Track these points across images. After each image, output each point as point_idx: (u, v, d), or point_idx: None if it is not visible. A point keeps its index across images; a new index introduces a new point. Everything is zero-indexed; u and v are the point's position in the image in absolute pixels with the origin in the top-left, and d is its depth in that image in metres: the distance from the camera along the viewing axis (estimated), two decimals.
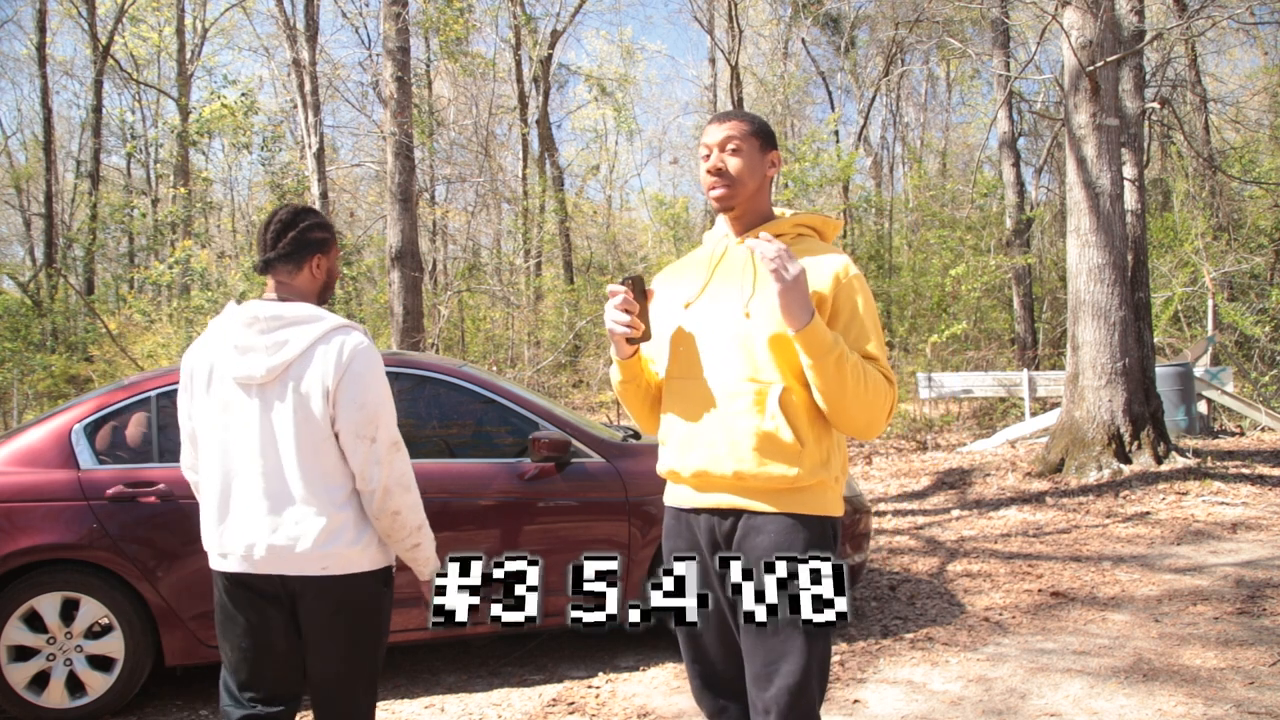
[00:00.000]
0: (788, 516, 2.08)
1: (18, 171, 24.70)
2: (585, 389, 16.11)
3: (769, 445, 2.06)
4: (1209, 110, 17.90)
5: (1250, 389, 13.53)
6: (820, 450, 2.10)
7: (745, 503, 2.10)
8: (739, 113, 2.25)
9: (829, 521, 2.14)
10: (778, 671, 2.02)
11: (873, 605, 5.37)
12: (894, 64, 22.58)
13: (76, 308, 18.32)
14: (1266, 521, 7.04)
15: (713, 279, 2.20)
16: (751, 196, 2.20)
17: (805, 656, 2.02)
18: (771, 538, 2.07)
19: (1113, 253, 8.87)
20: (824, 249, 2.19)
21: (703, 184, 2.23)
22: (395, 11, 10.71)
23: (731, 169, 2.16)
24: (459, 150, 21.44)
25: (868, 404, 2.05)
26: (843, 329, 2.09)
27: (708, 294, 2.19)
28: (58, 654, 3.91)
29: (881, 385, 2.07)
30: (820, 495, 2.12)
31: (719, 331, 2.13)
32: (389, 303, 11.33)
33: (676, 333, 2.20)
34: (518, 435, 4.53)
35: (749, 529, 2.10)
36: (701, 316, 2.17)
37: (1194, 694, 3.83)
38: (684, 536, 2.21)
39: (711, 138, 2.19)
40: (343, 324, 2.35)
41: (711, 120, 2.25)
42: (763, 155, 2.20)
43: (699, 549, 2.17)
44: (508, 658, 4.66)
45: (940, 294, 15.99)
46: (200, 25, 22.07)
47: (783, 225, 2.21)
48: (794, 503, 2.09)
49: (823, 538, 2.11)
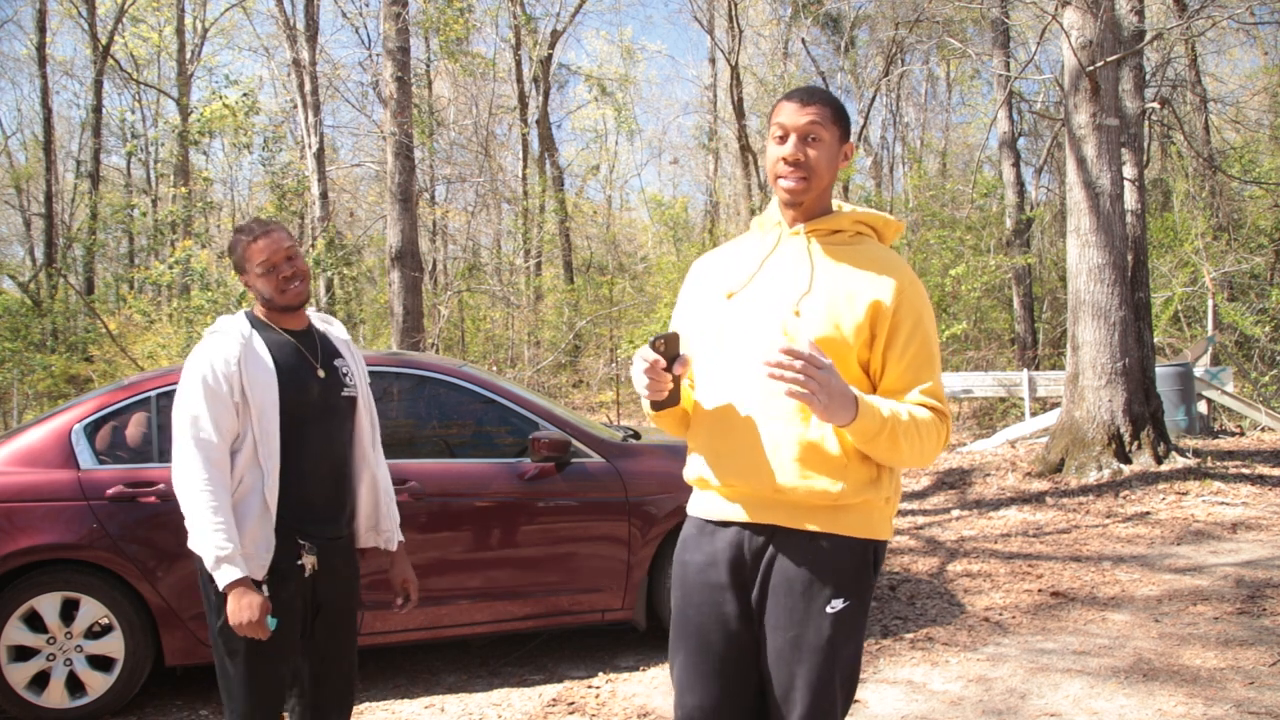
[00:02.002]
0: (827, 537, 1.92)
1: (18, 171, 24.72)
2: (585, 389, 16.11)
3: (812, 456, 1.90)
4: (1209, 110, 17.90)
5: (1250, 389, 13.52)
6: (869, 467, 1.93)
7: (782, 518, 1.94)
8: (823, 94, 2.02)
9: (871, 546, 1.97)
10: (798, 697, 1.91)
11: (873, 605, 5.37)
12: (894, 64, 22.56)
13: (76, 308, 18.32)
14: (1266, 521, 7.04)
15: (761, 270, 2.02)
16: (823, 191, 2.02)
17: (827, 684, 1.91)
18: (806, 561, 1.92)
19: (1113, 253, 8.87)
20: (883, 253, 2.03)
21: (769, 166, 2.02)
22: (395, 11, 10.70)
23: (811, 161, 1.97)
24: (459, 150, 21.44)
25: (921, 454, 1.92)
26: (901, 346, 1.93)
27: (754, 286, 2.00)
28: (58, 654, 3.91)
29: (933, 432, 1.92)
30: (865, 516, 1.95)
31: (764, 329, 1.95)
32: (389, 303, 11.32)
33: (716, 327, 2.02)
34: (518, 435, 4.53)
35: (782, 548, 1.94)
36: (745, 311, 1.99)
37: (1194, 694, 3.83)
38: (703, 550, 2.02)
39: (792, 119, 1.97)
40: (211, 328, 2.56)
41: (793, 96, 2.01)
42: (840, 146, 2.01)
43: (716, 565, 1.99)
44: (508, 658, 4.66)
45: (940, 294, 15.98)
46: (200, 25, 22.07)
47: (842, 221, 2.03)
48: (835, 522, 1.92)
49: (861, 564, 1.95)
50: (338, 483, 2.58)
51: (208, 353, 2.43)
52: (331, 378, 2.58)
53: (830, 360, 1.82)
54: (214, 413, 2.37)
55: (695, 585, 2.02)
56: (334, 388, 2.57)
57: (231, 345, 2.44)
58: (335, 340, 2.68)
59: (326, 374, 2.57)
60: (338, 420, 2.58)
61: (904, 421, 1.88)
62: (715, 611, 1.99)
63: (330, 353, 2.63)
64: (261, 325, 2.56)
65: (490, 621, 4.34)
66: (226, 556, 2.31)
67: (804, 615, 1.92)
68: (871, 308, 1.93)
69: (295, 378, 2.50)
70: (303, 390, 2.50)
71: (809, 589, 1.92)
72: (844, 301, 1.94)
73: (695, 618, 2.01)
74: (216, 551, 2.31)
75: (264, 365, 2.45)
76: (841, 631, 1.92)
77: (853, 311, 1.93)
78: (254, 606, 2.31)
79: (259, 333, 2.52)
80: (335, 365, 2.61)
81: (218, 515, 2.32)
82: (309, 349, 2.58)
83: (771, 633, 1.94)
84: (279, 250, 2.50)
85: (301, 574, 2.45)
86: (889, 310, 1.92)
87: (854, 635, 1.96)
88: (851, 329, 1.92)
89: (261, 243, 2.50)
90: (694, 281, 2.18)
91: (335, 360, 2.62)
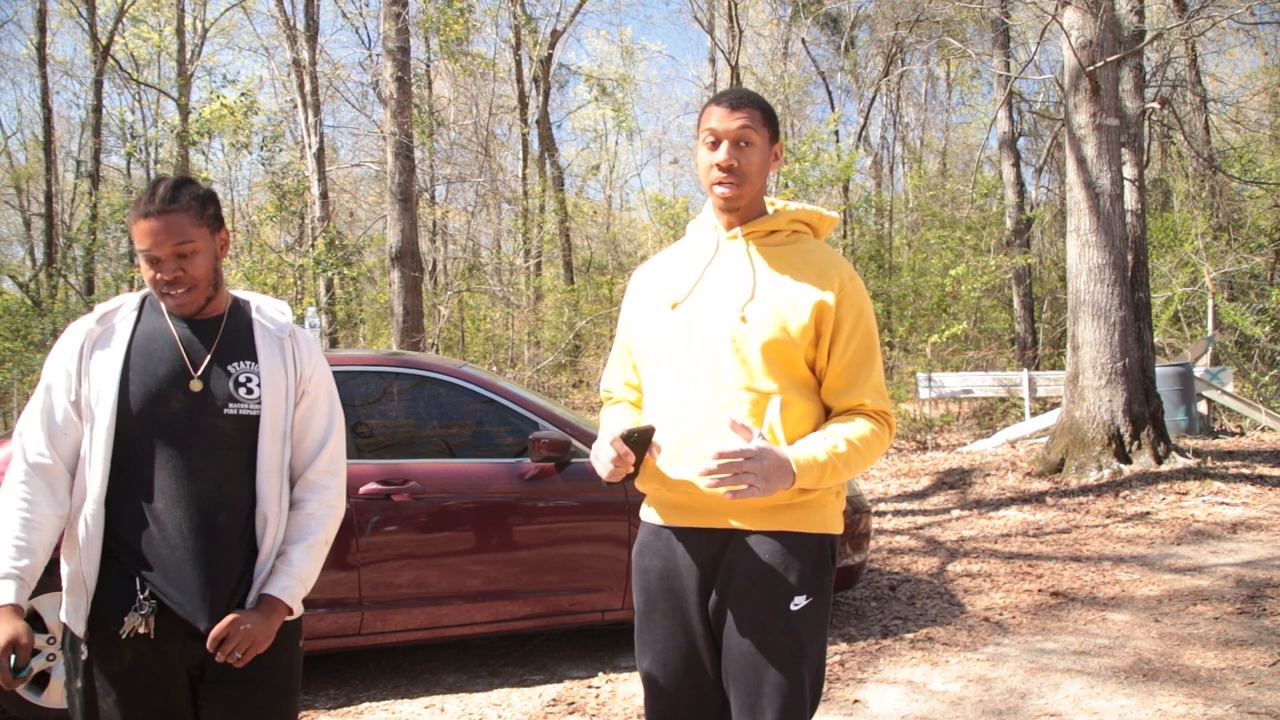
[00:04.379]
0: (783, 536, 1.94)
1: (18, 171, 24.72)
2: (585, 389, 16.11)
3: None
4: (1209, 110, 17.90)
5: (1250, 389, 13.52)
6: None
7: (738, 521, 1.95)
8: (752, 96, 2.03)
9: (828, 540, 2.00)
10: (767, 703, 1.90)
11: (873, 605, 5.37)
12: (894, 64, 22.58)
13: (76, 308, 18.31)
14: (1266, 521, 7.04)
15: (703, 278, 2.03)
16: (756, 194, 2.04)
17: (797, 684, 1.91)
18: (765, 561, 1.93)
19: (1113, 253, 8.87)
20: (821, 250, 2.06)
21: (702, 172, 2.03)
22: (395, 11, 10.71)
23: (744, 166, 1.98)
24: (459, 150, 21.43)
25: (864, 466, 1.97)
26: (844, 342, 1.97)
27: (697, 295, 2.02)
28: (58, 654, 3.91)
29: (874, 441, 1.97)
30: (819, 511, 1.98)
31: (711, 336, 1.97)
32: (389, 303, 11.32)
33: (663, 337, 2.03)
34: (518, 435, 4.53)
35: (740, 550, 1.95)
36: (691, 319, 2.00)
37: (1194, 694, 3.83)
38: (662, 556, 2.03)
39: (723, 124, 1.98)
40: None
41: (720, 100, 2.01)
42: (770, 148, 2.03)
43: (677, 572, 2.01)
44: (508, 658, 4.66)
45: (940, 294, 15.98)
46: (200, 25, 22.05)
47: (778, 221, 2.05)
48: (791, 520, 1.95)
49: (820, 560, 1.98)
50: (204, 531, 1.92)
51: (59, 342, 2.01)
52: (213, 389, 1.97)
53: (757, 443, 1.84)
54: (46, 412, 1.95)
55: (658, 592, 2.04)
56: (211, 402, 1.96)
57: (77, 334, 1.99)
58: (264, 336, 2.06)
59: (205, 384, 1.97)
60: (211, 447, 1.96)
61: (843, 453, 1.92)
62: (680, 619, 2.01)
63: (232, 355, 2.01)
64: (152, 309, 2.04)
65: (490, 621, 4.34)
66: (3, 574, 1.85)
67: (768, 615, 1.93)
68: (816, 308, 1.96)
69: (149, 383, 1.95)
70: (156, 400, 1.94)
71: (771, 589, 1.93)
72: (789, 304, 1.97)
73: (661, 623, 2.03)
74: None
75: (109, 362, 1.95)
76: (807, 629, 1.94)
77: (798, 313, 1.96)
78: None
79: (145, 319, 2.02)
80: (230, 371, 1.99)
81: (11, 529, 1.88)
82: (198, 348, 2.00)
83: (734, 637, 1.94)
84: (164, 244, 1.92)
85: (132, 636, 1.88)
86: (832, 309, 1.96)
87: (819, 632, 1.98)
88: (798, 330, 1.95)
89: (146, 225, 1.92)
90: (635, 292, 2.18)
91: (233, 364, 2.00)
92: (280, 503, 2.01)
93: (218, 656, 1.88)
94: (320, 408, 2.09)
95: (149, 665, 1.91)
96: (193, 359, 1.98)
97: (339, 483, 2.11)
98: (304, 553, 2.01)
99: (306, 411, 2.07)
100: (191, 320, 2.02)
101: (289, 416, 2.04)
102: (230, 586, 1.95)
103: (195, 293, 1.97)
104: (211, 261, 1.99)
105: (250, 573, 1.99)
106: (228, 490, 1.97)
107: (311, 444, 2.08)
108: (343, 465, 2.14)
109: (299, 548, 2.01)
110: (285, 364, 2.05)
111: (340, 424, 2.14)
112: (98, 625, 1.90)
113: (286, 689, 2.04)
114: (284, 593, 1.97)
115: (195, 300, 1.98)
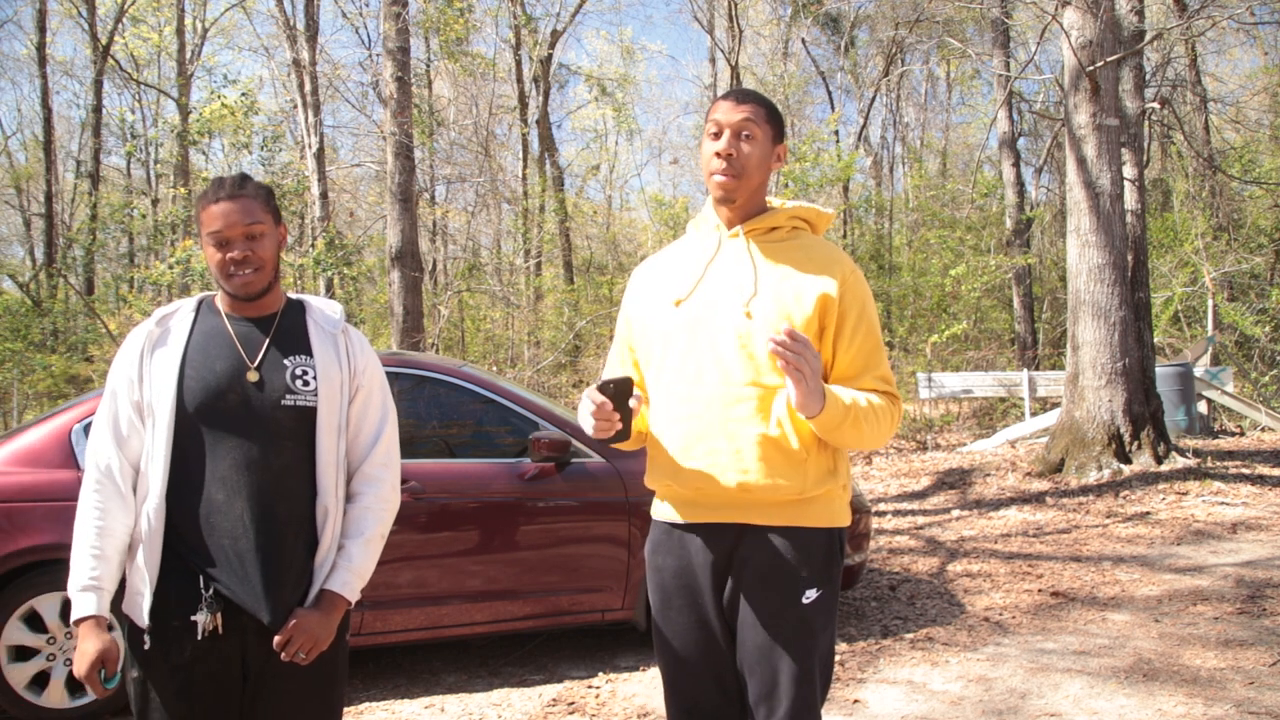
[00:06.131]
0: (794, 531, 1.97)
1: (18, 171, 24.73)
2: (585, 389, 16.09)
3: (775, 454, 1.94)
4: (1209, 110, 17.91)
5: (1250, 389, 13.52)
6: (825, 458, 1.99)
7: (749, 517, 1.99)
8: (757, 95, 2.08)
9: (836, 533, 2.04)
10: (783, 692, 1.94)
11: (873, 605, 5.37)
12: (894, 64, 22.59)
13: (76, 308, 18.32)
14: (1267, 521, 7.04)
15: (706, 276, 2.05)
16: (755, 190, 2.07)
17: (810, 673, 1.95)
18: (777, 556, 1.97)
19: (1113, 253, 8.87)
20: (821, 244, 2.09)
21: (704, 163, 2.05)
22: (395, 11, 10.71)
23: (743, 158, 2.01)
24: (459, 150, 21.42)
25: (877, 436, 1.99)
26: (850, 334, 2.00)
27: (701, 292, 2.04)
28: (58, 654, 3.91)
29: (888, 415, 2.00)
30: (828, 506, 2.01)
31: (717, 333, 1.99)
32: (389, 303, 11.32)
33: (667, 334, 2.05)
34: (518, 435, 4.53)
35: (753, 545, 1.98)
36: (696, 316, 2.03)
37: (1194, 694, 3.83)
38: (675, 553, 2.06)
39: (727, 116, 2.02)
40: None
41: (728, 95, 2.07)
42: (773, 147, 2.06)
43: (691, 568, 2.04)
44: (508, 658, 4.66)
45: (940, 294, 15.99)
46: (200, 25, 22.06)
47: (778, 218, 2.08)
48: (801, 515, 1.98)
49: (829, 553, 2.01)
50: (265, 522, 1.96)
51: (121, 348, 2.06)
52: (271, 380, 2.01)
53: (819, 360, 1.89)
54: (112, 418, 2.00)
55: (674, 589, 2.07)
56: (269, 393, 2.00)
57: (137, 339, 2.04)
58: (318, 332, 2.11)
59: (262, 376, 2.01)
60: (269, 438, 1.99)
61: (863, 408, 1.96)
62: (696, 614, 2.04)
63: (288, 349, 2.06)
64: (209, 310, 2.09)
65: (490, 621, 4.34)
66: (82, 586, 1.91)
67: (781, 609, 1.97)
68: (820, 301, 1.98)
69: (207, 377, 1.99)
70: (214, 392, 1.98)
71: (783, 583, 1.97)
72: (792, 299, 1.99)
73: (678, 619, 2.06)
74: (72, 579, 1.93)
75: (168, 360, 2.00)
76: (818, 620, 1.99)
77: (802, 307, 1.99)
78: (85, 656, 1.89)
79: (201, 320, 2.07)
80: (286, 365, 2.03)
81: (87, 537, 1.93)
82: (255, 342, 2.05)
83: (749, 629, 1.98)
84: (236, 224, 1.99)
85: (197, 634, 1.92)
86: (835, 301, 1.99)
87: (829, 624, 2.03)
88: (803, 324, 1.98)
89: (218, 208, 2.00)
90: (636, 290, 2.20)
91: (290, 358, 2.05)
92: (338, 495, 2.06)
93: (283, 656, 1.94)
94: (374, 402, 2.14)
95: (208, 658, 1.95)
96: (249, 352, 2.03)
97: (393, 476, 2.14)
98: (362, 547, 2.06)
99: (361, 406, 2.12)
100: (247, 318, 2.07)
101: (344, 410, 2.08)
102: (292, 578, 1.99)
103: (261, 274, 2.03)
104: (275, 249, 2.07)
105: (310, 565, 2.03)
106: (287, 481, 2.00)
107: (366, 438, 2.12)
108: (396, 459, 2.17)
109: (357, 542, 2.06)
110: (340, 359, 2.10)
111: (393, 419, 2.17)
112: (159, 617, 1.94)
113: (336, 680, 2.11)
114: (344, 588, 2.03)
115: (260, 281, 2.03)
